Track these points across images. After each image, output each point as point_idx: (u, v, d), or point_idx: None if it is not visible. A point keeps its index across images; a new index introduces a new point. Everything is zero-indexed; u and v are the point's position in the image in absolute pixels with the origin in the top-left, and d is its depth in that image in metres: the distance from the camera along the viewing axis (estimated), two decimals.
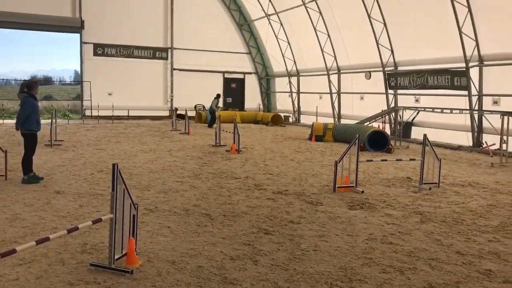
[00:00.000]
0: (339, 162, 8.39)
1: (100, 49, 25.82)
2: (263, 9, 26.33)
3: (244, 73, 29.72)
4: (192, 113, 25.61)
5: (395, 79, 18.66)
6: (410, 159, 10.54)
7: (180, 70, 27.60)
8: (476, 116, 15.52)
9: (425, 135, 9.01)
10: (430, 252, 5.28)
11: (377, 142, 14.55)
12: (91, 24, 25.08)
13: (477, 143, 15.52)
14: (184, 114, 25.67)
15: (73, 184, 8.57)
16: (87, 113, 25.53)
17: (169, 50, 27.46)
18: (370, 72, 20.38)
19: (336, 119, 22.80)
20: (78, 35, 25.44)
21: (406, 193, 8.46)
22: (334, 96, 23.08)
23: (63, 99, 41.61)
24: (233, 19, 28.91)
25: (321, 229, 6.08)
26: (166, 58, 27.52)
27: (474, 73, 15.44)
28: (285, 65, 27.00)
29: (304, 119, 26.27)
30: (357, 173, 8.62)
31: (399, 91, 18.99)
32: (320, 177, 9.91)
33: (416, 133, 17.56)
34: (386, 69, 19.24)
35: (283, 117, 25.49)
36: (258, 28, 28.61)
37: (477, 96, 15.48)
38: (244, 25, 29.08)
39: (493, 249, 5.44)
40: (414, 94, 18.16)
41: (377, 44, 19.15)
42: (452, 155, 14.05)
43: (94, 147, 13.98)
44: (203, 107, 26.73)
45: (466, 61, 15.37)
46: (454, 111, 15.41)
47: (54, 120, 14.70)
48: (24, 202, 7.12)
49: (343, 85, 22.65)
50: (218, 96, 23.08)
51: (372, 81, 20.30)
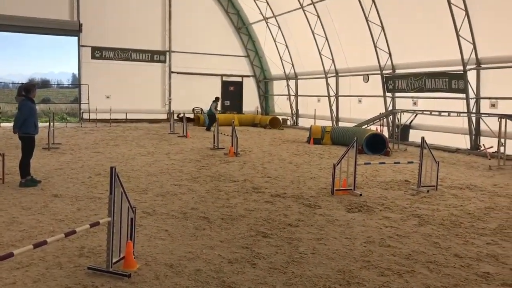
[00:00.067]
0: (337, 165, 8.40)
1: (98, 52, 25.82)
2: (261, 12, 26.37)
3: (242, 76, 29.75)
4: (190, 116, 25.65)
5: (393, 82, 18.71)
6: (408, 162, 10.56)
7: (178, 73, 27.61)
8: (473, 119, 15.56)
9: (423, 138, 9.03)
10: (428, 255, 5.28)
11: (375, 145, 14.56)
12: (89, 27, 25.08)
13: (475, 145, 15.56)
14: (189, 117, 25.79)
15: (71, 187, 8.55)
16: (85, 116, 25.50)
17: (167, 53, 27.48)
18: (368, 75, 20.42)
19: (334, 122, 22.83)
20: (76, 38, 25.44)
21: (404, 196, 8.47)
22: (332, 99, 23.11)
23: (61, 102, 41.59)
24: (231, 22, 28.94)
25: (319, 232, 6.08)
26: (164, 61, 27.53)
27: (471, 76, 15.49)
28: (283, 68, 27.04)
29: (302, 122, 26.29)
30: (355, 176, 8.63)
31: (397, 94, 19.03)
32: (318, 180, 9.91)
33: (414, 136, 17.61)
34: (384, 72, 19.28)
35: (281, 120, 25.52)
36: (256, 31, 28.65)
37: (474, 99, 15.53)
38: (242, 28, 29.12)
39: (491, 251, 5.45)
40: (412, 97, 18.19)
41: (375, 47, 19.19)
42: (450, 158, 14.07)
43: (92, 150, 13.97)
44: (201, 110, 26.74)
45: (464, 64, 15.42)
46: (451, 114, 15.44)
47: (52, 123, 14.67)
48: (22, 205, 7.10)
49: (341, 88, 22.69)
50: (217, 99, 23.10)
51: (370, 84, 20.34)
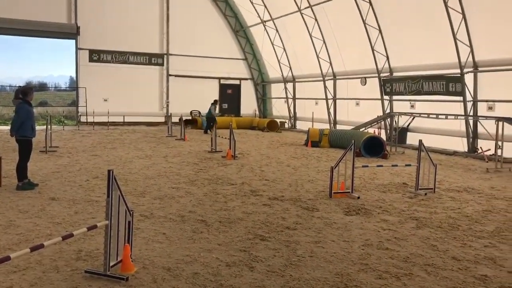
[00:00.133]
0: (335, 167, 8.40)
1: (96, 55, 25.82)
2: (259, 15, 26.42)
3: (240, 79, 29.78)
4: (188, 118, 25.66)
5: (391, 85, 18.75)
6: (406, 165, 10.56)
7: (176, 76, 27.62)
8: (471, 121, 15.59)
9: (420, 141, 9.04)
10: (426, 258, 5.28)
11: (373, 147, 14.57)
12: (87, 30, 25.10)
13: (472, 148, 15.59)
14: (191, 120, 25.80)
15: (68, 190, 8.53)
16: (83, 119, 25.49)
17: (165, 56, 27.49)
18: (365, 78, 20.46)
19: (332, 125, 22.86)
20: (74, 41, 25.45)
21: (402, 199, 8.47)
22: (330, 102, 23.14)
23: (58, 105, 41.59)
24: (229, 25, 28.99)
25: (317, 235, 6.07)
26: (162, 64, 27.54)
27: (469, 79, 15.53)
28: (281, 71, 27.07)
29: (300, 125, 26.32)
30: (353, 179, 8.63)
31: (395, 97, 19.08)
32: (316, 183, 9.91)
33: (412, 139, 17.64)
34: (381, 75, 19.32)
35: (279, 123, 25.53)
36: (254, 34, 28.70)
37: (472, 102, 15.56)
38: (240, 31, 29.16)
39: (489, 254, 5.45)
40: (409, 100, 18.24)
41: (373, 50, 19.24)
42: (447, 161, 14.09)
43: (89, 153, 13.94)
44: (199, 113, 26.74)
45: (461, 67, 15.47)
46: (449, 117, 15.47)
47: (49, 126, 14.64)
48: (19, 208, 7.07)
49: (339, 91, 22.73)
50: (216, 102, 23.10)
51: (368, 87, 20.38)
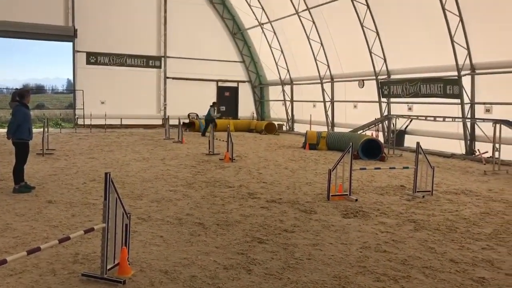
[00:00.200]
0: (332, 170, 8.40)
1: (93, 58, 25.78)
2: (256, 18, 26.45)
3: (237, 82, 29.78)
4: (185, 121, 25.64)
5: (388, 87, 18.78)
6: (404, 167, 10.58)
7: (173, 78, 27.60)
8: (468, 124, 15.62)
9: (418, 143, 9.05)
10: (424, 260, 5.28)
11: (371, 150, 14.58)
12: (84, 32, 25.06)
13: (470, 151, 15.61)
14: (189, 122, 25.79)
15: (65, 193, 8.50)
16: (80, 122, 25.42)
17: (162, 58, 27.47)
18: (363, 80, 20.50)
19: (330, 127, 22.87)
20: (71, 43, 25.40)
21: (399, 201, 8.47)
22: (328, 104, 23.16)
23: (55, 108, 41.41)
24: (226, 28, 29.00)
25: (315, 238, 6.06)
26: (159, 67, 27.51)
27: (466, 81, 15.57)
28: (279, 73, 27.09)
29: (297, 128, 26.31)
30: (351, 182, 8.63)
31: (392, 100, 19.10)
32: (314, 185, 9.90)
33: (409, 141, 17.65)
34: (379, 77, 19.35)
35: (276, 126, 25.53)
36: (251, 37, 28.72)
37: (469, 104, 15.59)
38: (238, 34, 29.18)
39: (486, 256, 5.45)
40: (407, 103, 18.26)
41: (370, 52, 19.27)
42: (445, 163, 14.11)
43: (86, 156, 13.91)
44: (197, 115, 26.73)
45: (458, 70, 15.51)
46: (446, 119, 15.50)
47: (46, 129, 14.61)
48: (15, 211, 7.05)
49: (337, 94, 22.75)
50: (214, 104, 23.11)
51: (365, 89, 20.41)
